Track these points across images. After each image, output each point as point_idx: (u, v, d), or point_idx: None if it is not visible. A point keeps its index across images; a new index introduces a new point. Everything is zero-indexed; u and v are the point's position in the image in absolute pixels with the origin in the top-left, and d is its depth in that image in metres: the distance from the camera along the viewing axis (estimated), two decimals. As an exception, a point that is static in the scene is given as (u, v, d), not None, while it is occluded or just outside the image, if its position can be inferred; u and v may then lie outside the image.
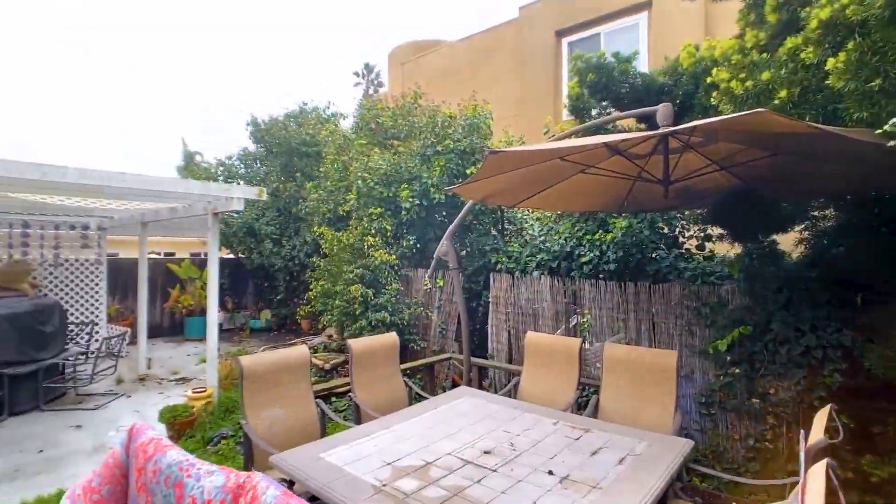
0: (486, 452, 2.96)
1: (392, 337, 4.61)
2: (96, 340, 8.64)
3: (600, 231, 5.31)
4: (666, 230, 5.23)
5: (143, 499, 1.99)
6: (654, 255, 5.10)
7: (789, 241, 4.19)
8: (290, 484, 2.81)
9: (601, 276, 5.28)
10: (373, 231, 6.73)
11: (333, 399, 5.76)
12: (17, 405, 6.03)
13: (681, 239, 5.27)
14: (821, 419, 2.45)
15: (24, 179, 4.37)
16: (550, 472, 2.65)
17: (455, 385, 6.27)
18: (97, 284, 9.21)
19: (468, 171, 6.48)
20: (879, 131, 2.12)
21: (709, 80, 3.39)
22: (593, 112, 5.03)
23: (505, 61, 11.17)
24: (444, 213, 7.11)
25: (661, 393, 3.72)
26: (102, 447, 5.09)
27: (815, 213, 4.06)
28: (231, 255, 11.33)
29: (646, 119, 4.59)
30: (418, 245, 6.92)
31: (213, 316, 5.99)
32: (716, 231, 4.70)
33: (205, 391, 5.70)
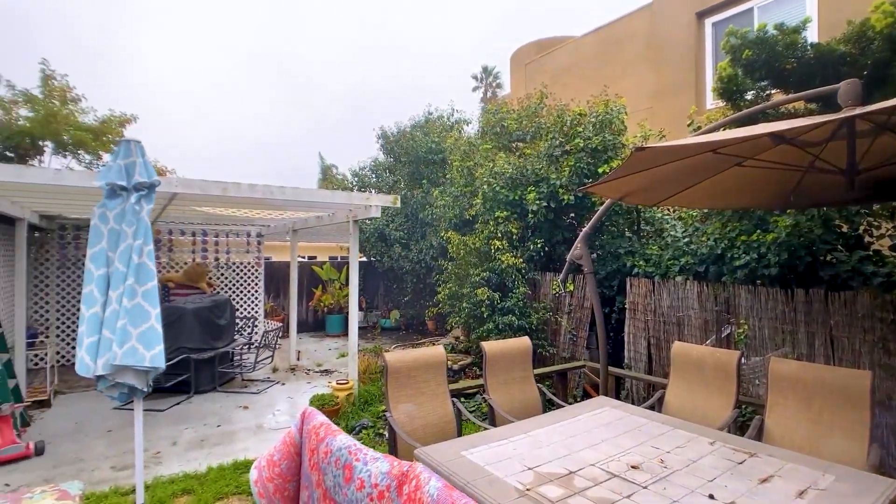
0: (633, 467, 2.77)
1: (525, 341, 4.55)
2: (256, 333, 9.88)
3: (758, 231, 4.70)
4: (845, 229, 4.45)
5: (315, 476, 2.19)
6: (829, 258, 4.37)
7: None
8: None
9: (759, 281, 4.67)
10: (499, 234, 6.75)
11: (462, 399, 5.89)
12: (200, 385, 7.09)
13: (867, 239, 4.44)
14: None
15: (209, 195, 5.12)
16: (711, 497, 2.38)
17: (587, 394, 6.01)
18: (256, 284, 10.53)
19: (600, 171, 6.19)
20: None
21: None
22: (748, 95, 4.48)
23: (637, 51, 10.51)
24: (572, 215, 6.88)
25: (851, 420, 3.16)
26: (261, 427, 5.76)
27: None
28: (363, 259, 12.22)
29: (818, 99, 3.96)
30: (545, 248, 6.78)
31: (354, 315, 6.47)
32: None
33: (347, 383, 6.17)
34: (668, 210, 6.35)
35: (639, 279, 5.72)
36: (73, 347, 8.79)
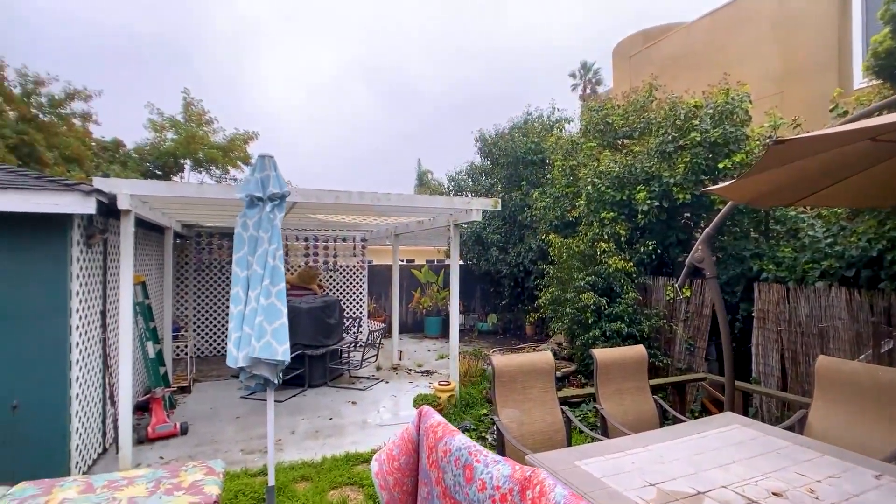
0: (775, 494, 2.45)
1: (640, 350, 4.28)
2: (361, 333, 10.40)
3: (929, 229, 3.99)
4: None
5: (434, 474, 2.21)
6: None
7: None
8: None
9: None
10: (605, 236, 6.44)
11: (567, 408, 5.68)
12: (313, 380, 7.59)
13: None
14: None
15: (323, 203, 5.47)
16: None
17: (705, 409, 5.50)
18: (361, 286, 11.09)
19: (720, 166, 5.65)
20: None
21: None
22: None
23: (759, 33, 9.50)
24: (687, 215, 6.36)
25: None
26: (368, 423, 6.01)
27: None
28: (460, 262, 12.36)
29: None
30: (657, 251, 6.33)
31: (455, 317, 6.54)
32: None
33: (449, 385, 6.24)
34: (805, 207, 5.63)
35: (769, 285, 5.12)
36: (208, 341, 9.90)
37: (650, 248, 6.22)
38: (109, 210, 4.39)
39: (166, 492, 2.54)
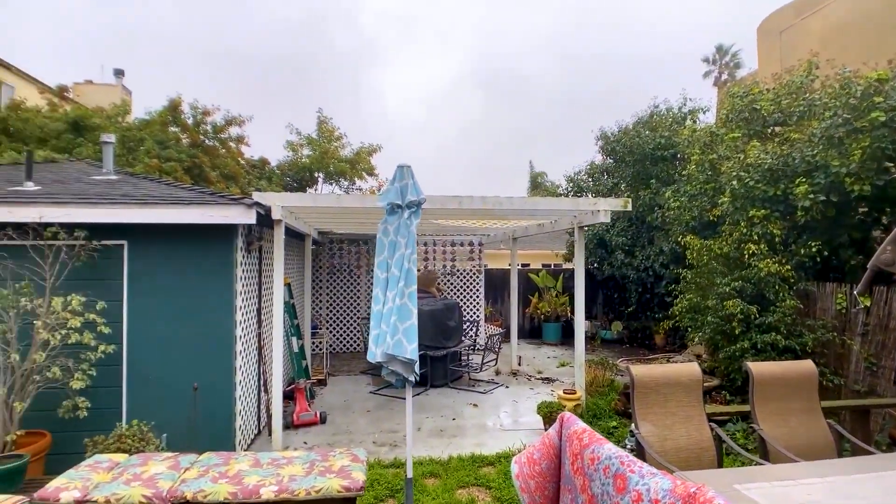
0: None
1: (808, 366, 3.70)
2: (479, 336, 10.48)
3: None
4: None
5: (579, 481, 2.11)
6: None
7: None
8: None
9: None
10: (754, 237, 5.70)
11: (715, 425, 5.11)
12: (434, 380, 7.80)
13: None
14: None
15: (446, 208, 5.59)
16: None
17: (895, 442, 4.59)
18: (477, 290, 11.19)
19: (912, 150, 4.69)
20: None
21: None
22: None
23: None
24: (864, 210, 5.39)
25: None
26: (490, 426, 5.98)
27: None
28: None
29: None
30: (823, 253, 5.45)
31: (581, 324, 6.27)
32: None
33: (574, 394, 5.99)
34: None
35: None
36: (339, 338, 10.71)
37: (813, 249, 5.36)
38: (264, 220, 4.95)
39: (320, 473, 2.76)
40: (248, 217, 4.68)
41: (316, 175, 17.33)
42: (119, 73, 23.89)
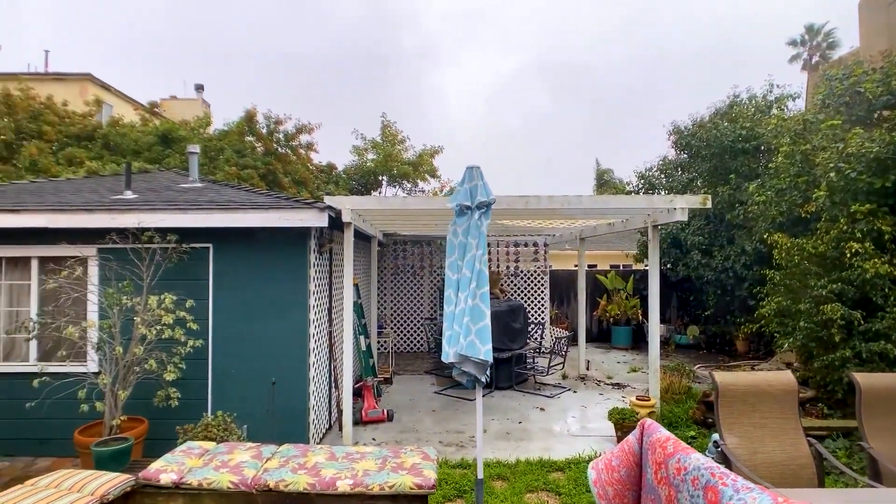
0: None
1: (928, 377, 3.28)
2: (545, 339, 10.26)
3: None
4: None
5: (664, 491, 1.99)
6: None
7: None
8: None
9: None
10: (857, 234, 5.15)
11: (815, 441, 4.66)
12: (499, 383, 7.71)
13: None
14: None
15: (513, 209, 5.51)
16: None
17: None
18: (542, 292, 10.97)
19: None
20: None
21: None
22: None
23: None
24: None
25: None
26: (558, 431, 5.82)
27: None
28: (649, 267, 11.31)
29: None
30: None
31: (655, 328, 5.96)
32: None
33: (648, 401, 5.70)
34: None
35: None
36: (403, 337, 10.90)
37: (931, 247, 4.76)
38: (335, 223, 5.12)
39: (392, 469, 2.79)
40: (320, 220, 4.86)
41: (380, 178, 17.77)
42: (199, 87, 25.97)
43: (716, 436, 3.41)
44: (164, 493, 2.75)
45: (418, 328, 10.90)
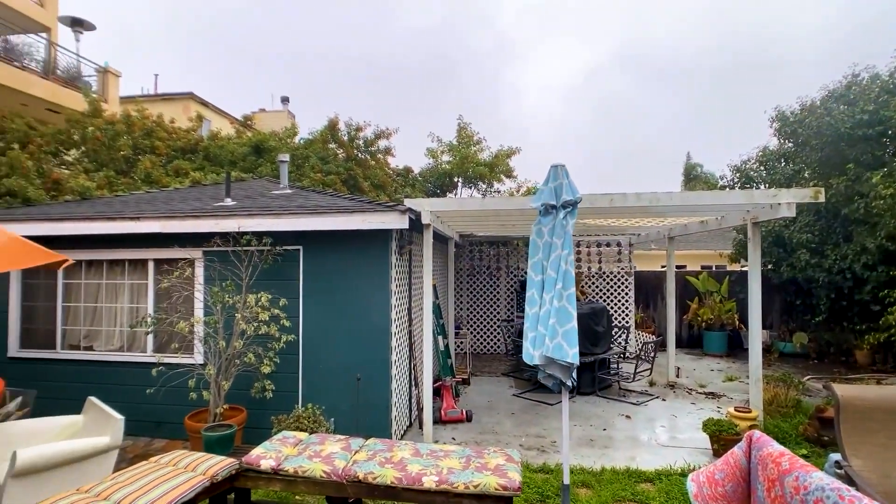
0: None
1: None
2: (629, 343, 9.77)
3: None
4: None
5: (781, 517, 1.79)
6: None
7: None
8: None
9: None
10: None
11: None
12: (581, 387, 7.45)
13: None
14: None
15: (596, 207, 5.29)
16: None
17: None
18: (626, 294, 10.45)
19: None
20: None
21: None
22: None
23: None
24: None
25: None
26: (645, 440, 5.49)
27: None
28: (744, 268, 10.38)
29: None
30: None
31: (757, 333, 5.46)
32: None
33: (749, 413, 5.23)
34: None
35: None
36: (479, 339, 10.88)
37: None
38: (414, 225, 5.22)
39: (476, 469, 2.78)
40: (402, 222, 4.97)
41: (455, 180, 17.91)
42: (284, 100, 27.87)
43: (836, 455, 3.03)
44: (263, 477, 2.95)
45: (495, 330, 10.83)
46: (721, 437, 4.97)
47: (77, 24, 15.21)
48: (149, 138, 12.98)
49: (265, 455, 3.00)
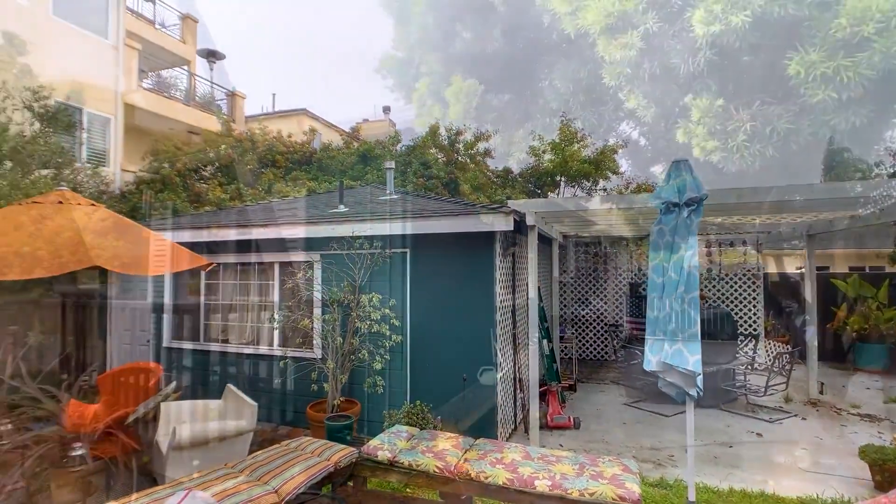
0: None
1: None
2: (758, 353, 8.77)
3: None
4: None
5: None
6: None
7: None
8: None
9: None
10: None
11: None
12: (702, 400, 6.80)
13: None
14: None
15: (723, 203, 4.80)
16: None
17: None
18: (754, 299, 9.39)
19: None
20: None
21: None
22: None
23: None
24: None
25: None
26: (777, 462, 4.91)
27: None
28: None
29: None
30: None
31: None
32: None
33: (921, 440, 4.42)
34: None
35: None
36: (585, 344, 10.47)
37: None
38: (518, 226, 5.17)
39: (591, 476, 2.67)
40: (506, 224, 4.96)
41: (557, 178, 17.46)
42: (386, 109, 29.37)
43: None
44: (381, 468, 3.11)
45: (602, 335, 10.36)
46: (885, 466, 4.27)
47: (211, 55, 17.46)
48: (270, 153, 14.43)
49: (382, 447, 3.17)
